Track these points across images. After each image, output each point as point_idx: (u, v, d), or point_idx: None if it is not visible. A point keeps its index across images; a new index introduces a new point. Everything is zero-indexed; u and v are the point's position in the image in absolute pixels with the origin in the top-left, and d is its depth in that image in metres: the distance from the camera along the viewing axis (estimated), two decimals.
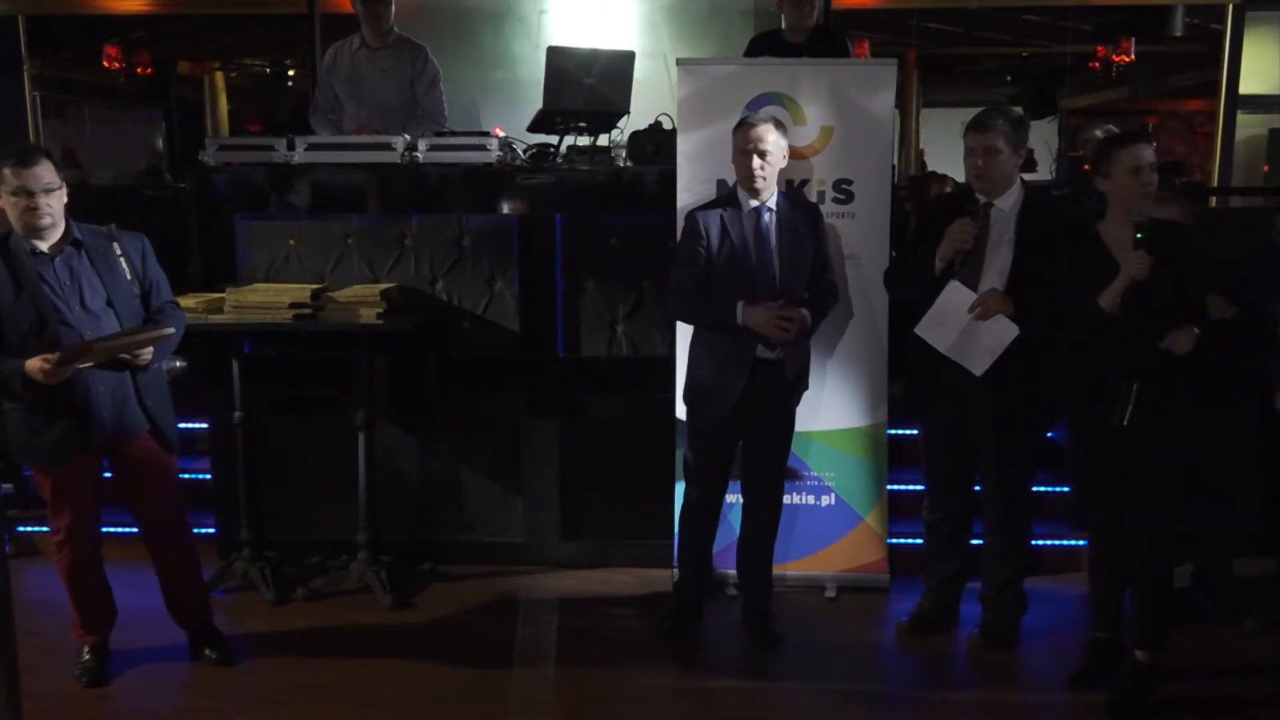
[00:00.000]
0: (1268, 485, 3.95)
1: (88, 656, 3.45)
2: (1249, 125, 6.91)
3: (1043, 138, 12.48)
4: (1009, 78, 11.76)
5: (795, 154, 3.96)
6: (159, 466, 3.41)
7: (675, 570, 3.91)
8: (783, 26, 4.61)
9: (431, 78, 4.92)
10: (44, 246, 3.20)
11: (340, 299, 3.88)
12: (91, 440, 3.24)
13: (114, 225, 3.35)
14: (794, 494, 4.14)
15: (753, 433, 3.66)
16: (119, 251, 3.30)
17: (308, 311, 3.82)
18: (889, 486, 4.18)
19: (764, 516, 3.77)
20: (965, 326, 3.38)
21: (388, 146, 4.19)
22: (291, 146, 4.18)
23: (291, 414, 4.34)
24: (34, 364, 3.06)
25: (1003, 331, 3.34)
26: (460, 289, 4.25)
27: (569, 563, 4.37)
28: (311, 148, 4.22)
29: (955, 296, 3.39)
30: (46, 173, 3.14)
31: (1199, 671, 3.47)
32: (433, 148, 4.21)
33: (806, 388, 3.73)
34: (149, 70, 10.39)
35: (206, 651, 3.55)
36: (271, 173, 4.28)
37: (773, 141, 3.48)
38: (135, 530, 3.52)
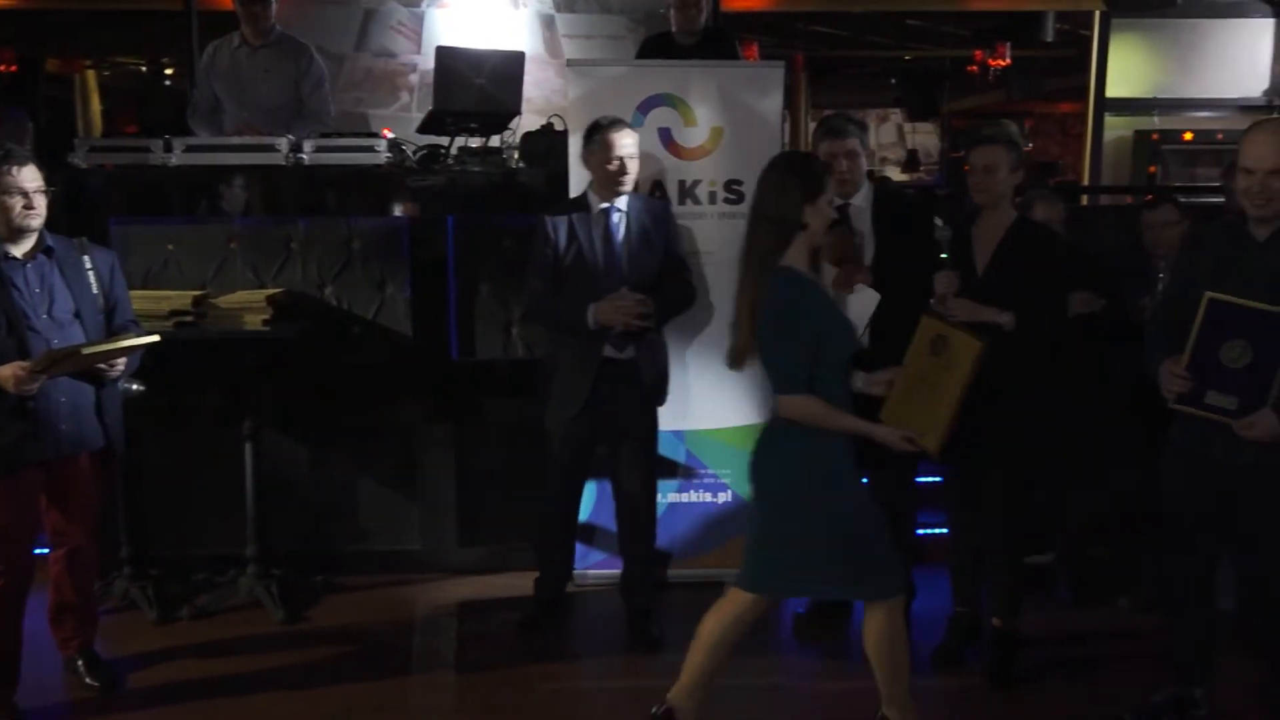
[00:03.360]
0: (1141, 469, 4.15)
1: None
2: (1116, 127, 7.23)
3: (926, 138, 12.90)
4: (893, 80, 12.10)
5: (686, 155, 4.03)
6: (93, 485, 3.30)
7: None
8: (673, 30, 4.64)
9: (317, 78, 4.81)
10: (17, 251, 3.11)
11: (224, 305, 3.77)
12: (46, 450, 3.12)
13: (86, 238, 3.31)
14: (691, 492, 4.18)
15: (614, 437, 3.72)
16: (89, 265, 3.25)
17: (189, 319, 3.70)
18: None
19: (637, 520, 3.81)
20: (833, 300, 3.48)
21: (271, 148, 4.08)
22: (169, 148, 4.04)
23: (174, 425, 4.18)
24: (5, 372, 2.96)
25: (866, 301, 3.45)
26: (350, 294, 4.17)
27: (468, 569, 4.32)
28: (190, 149, 4.09)
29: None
30: (37, 173, 3.10)
31: (1065, 641, 3.69)
32: (319, 149, 4.13)
33: (667, 394, 3.78)
34: (13, 68, 9.91)
35: (88, 680, 3.39)
36: (148, 175, 4.13)
37: (634, 145, 3.60)
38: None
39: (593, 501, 4.07)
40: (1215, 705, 3.09)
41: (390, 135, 4.35)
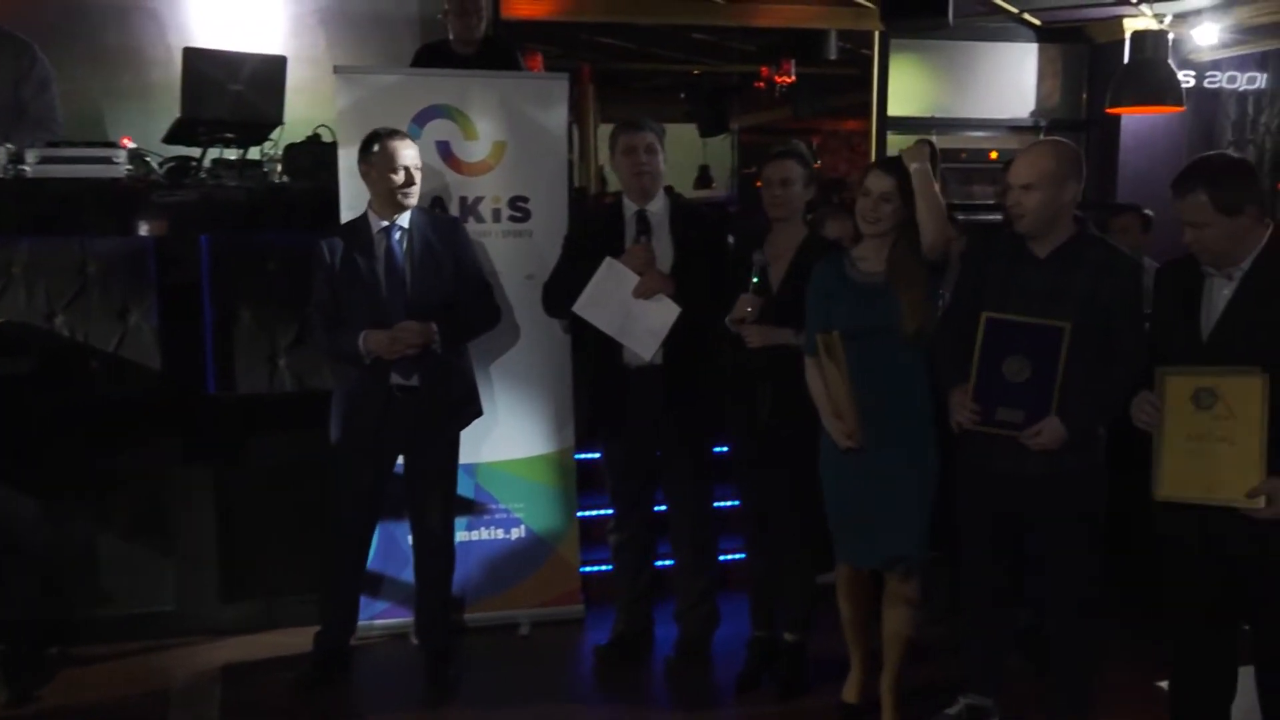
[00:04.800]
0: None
1: None
2: (898, 145, 7.71)
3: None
4: (683, 95, 12.46)
5: (467, 170, 4.00)
6: None
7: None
8: (450, 37, 4.61)
9: (41, 79, 4.47)
10: None
11: None
12: None
13: None
14: (483, 529, 4.14)
15: (410, 469, 3.66)
16: None
17: None
18: (579, 513, 4.27)
19: (434, 558, 3.76)
20: (629, 309, 3.54)
21: None
22: None
23: None
24: None
25: (665, 312, 3.53)
26: (86, 323, 3.89)
27: (232, 629, 4.11)
28: None
29: (613, 273, 3.55)
30: None
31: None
32: (45, 159, 3.86)
33: (479, 413, 3.75)
34: None
35: None
36: None
37: (417, 156, 3.56)
38: None
39: (376, 546, 3.95)
40: (1005, 716, 3.31)
41: (131, 145, 4.10)
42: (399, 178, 3.49)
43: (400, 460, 3.71)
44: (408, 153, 3.52)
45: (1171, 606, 2.83)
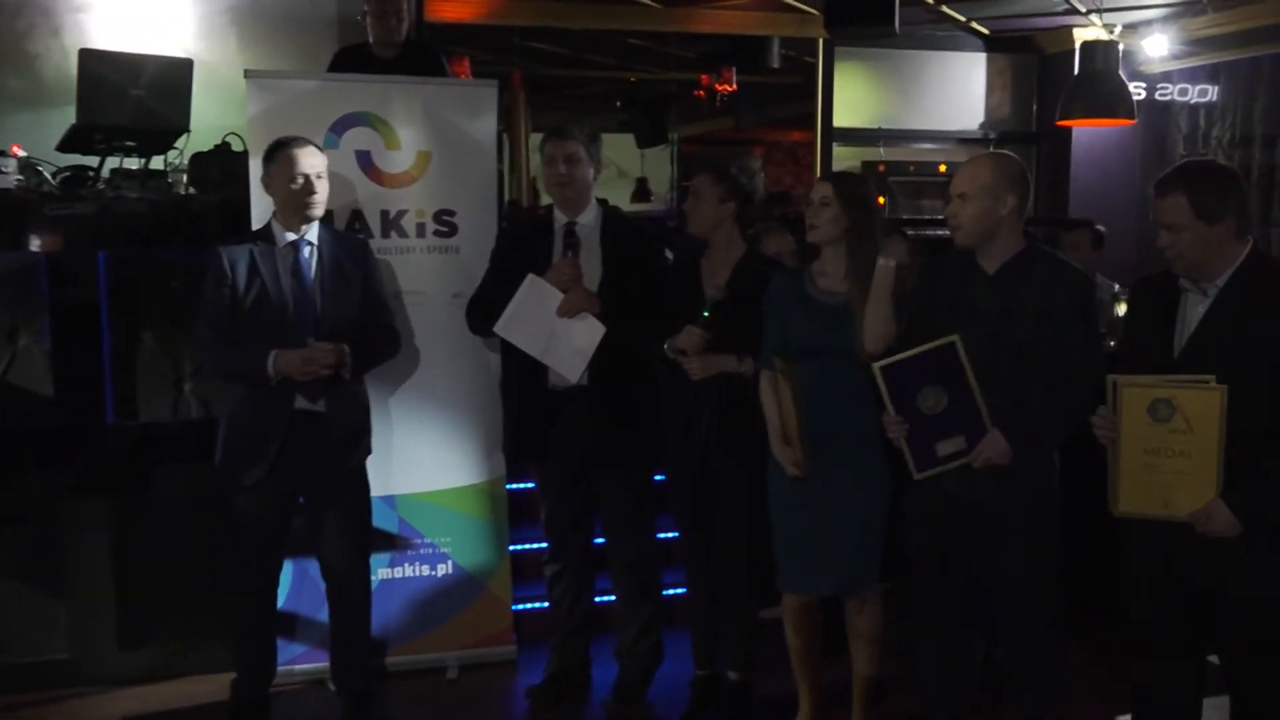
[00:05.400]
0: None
1: None
2: (845, 157, 7.85)
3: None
4: (619, 103, 12.52)
5: (389, 181, 3.98)
6: None
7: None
8: (370, 40, 4.59)
9: None
10: None
11: None
12: None
13: None
14: (406, 565, 4.09)
15: (312, 501, 3.61)
16: None
17: None
18: (511, 547, 4.25)
19: (345, 598, 3.71)
20: (553, 329, 3.54)
21: None
22: None
23: None
24: None
25: (590, 332, 3.54)
26: None
27: (133, 678, 4.02)
28: None
29: (536, 291, 3.55)
30: None
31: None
32: None
33: (369, 451, 3.70)
34: None
35: None
36: None
37: (322, 165, 3.52)
38: None
39: (289, 584, 3.88)
40: None
41: (21, 153, 4.02)
42: (297, 185, 3.44)
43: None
44: (309, 160, 3.47)
45: (1134, 635, 2.88)
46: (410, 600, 4.10)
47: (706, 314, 3.42)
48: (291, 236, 3.50)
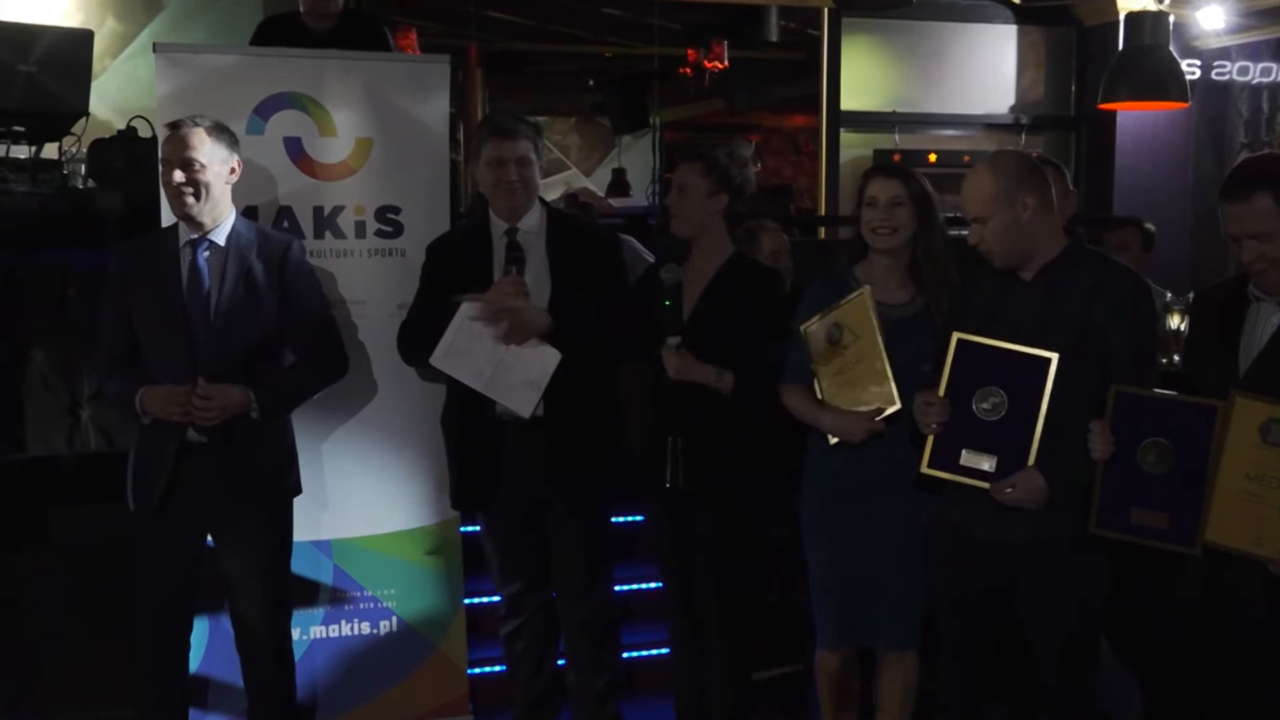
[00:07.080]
0: None
1: None
2: (854, 145, 7.86)
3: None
4: (591, 82, 12.55)
5: (323, 173, 3.99)
6: None
7: None
8: (301, 10, 4.62)
9: None
10: None
11: None
12: None
13: None
14: (343, 621, 4.09)
15: (223, 546, 3.58)
16: None
17: None
18: (466, 600, 4.25)
19: (258, 662, 3.67)
20: (498, 358, 3.53)
21: None
22: None
23: None
24: None
25: (543, 360, 3.52)
26: None
27: None
28: None
29: (475, 318, 3.53)
30: None
31: None
32: None
33: (298, 490, 3.68)
34: None
35: None
36: None
37: (206, 151, 3.40)
38: None
39: (203, 645, 3.88)
40: None
41: None
42: (174, 175, 3.36)
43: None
44: (194, 142, 3.37)
45: (1183, 704, 2.89)
46: (347, 663, 4.08)
47: (667, 303, 3.44)
48: (191, 235, 3.43)
